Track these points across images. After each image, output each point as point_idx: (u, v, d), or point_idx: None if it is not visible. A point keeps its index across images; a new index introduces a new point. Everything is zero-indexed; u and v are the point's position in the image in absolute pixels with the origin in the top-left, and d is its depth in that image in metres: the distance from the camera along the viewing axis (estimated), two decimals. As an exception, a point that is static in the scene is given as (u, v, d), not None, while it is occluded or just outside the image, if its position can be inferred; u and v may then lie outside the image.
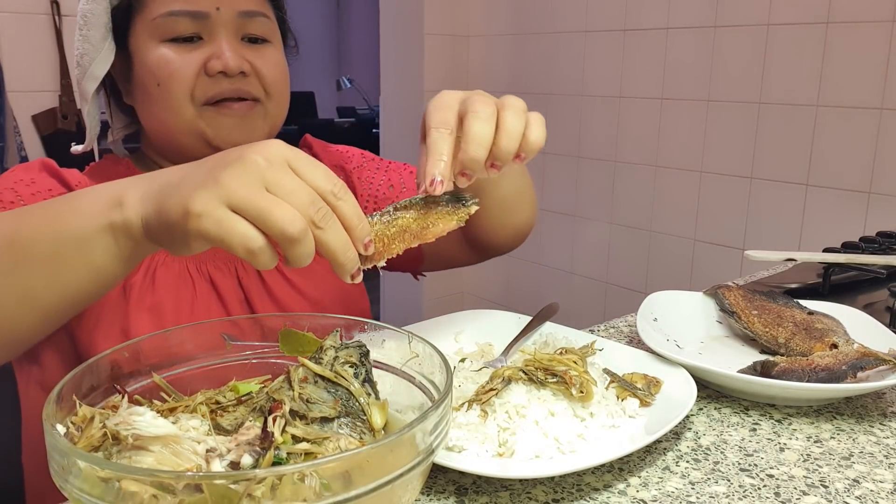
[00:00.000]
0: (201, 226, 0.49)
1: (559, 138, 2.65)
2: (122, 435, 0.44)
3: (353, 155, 1.05)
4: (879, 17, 1.83)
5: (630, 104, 2.44)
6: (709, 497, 0.57)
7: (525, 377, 0.64)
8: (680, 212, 2.33)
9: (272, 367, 0.59)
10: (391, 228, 0.57)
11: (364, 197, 1.01)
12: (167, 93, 0.81)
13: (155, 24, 0.82)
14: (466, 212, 0.59)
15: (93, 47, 0.85)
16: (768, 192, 2.11)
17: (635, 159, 2.44)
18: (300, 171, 0.51)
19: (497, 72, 2.84)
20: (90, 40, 0.85)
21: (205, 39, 0.84)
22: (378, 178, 1.03)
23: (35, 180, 0.81)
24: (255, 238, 0.49)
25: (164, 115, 0.83)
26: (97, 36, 0.85)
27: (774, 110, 2.06)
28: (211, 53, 0.83)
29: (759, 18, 2.06)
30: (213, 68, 0.82)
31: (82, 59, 0.86)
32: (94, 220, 0.58)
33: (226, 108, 0.83)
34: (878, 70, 1.85)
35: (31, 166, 0.84)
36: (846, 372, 0.71)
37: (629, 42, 2.40)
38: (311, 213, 0.50)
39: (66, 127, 2.33)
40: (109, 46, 0.85)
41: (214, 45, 0.84)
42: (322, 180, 0.52)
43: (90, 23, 0.85)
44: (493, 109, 0.65)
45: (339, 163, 1.03)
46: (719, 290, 0.93)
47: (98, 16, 0.84)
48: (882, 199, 1.89)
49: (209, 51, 0.83)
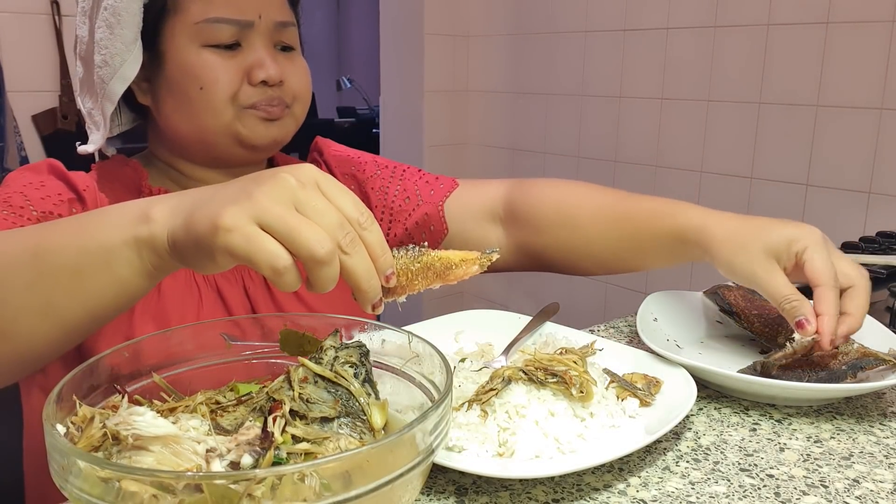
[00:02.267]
0: (230, 241, 0.49)
1: (559, 138, 2.65)
2: (122, 435, 0.44)
3: (365, 163, 1.04)
4: (879, 17, 1.83)
5: (630, 104, 2.44)
6: (709, 497, 0.57)
7: (525, 377, 0.64)
8: (680, 212, 2.33)
9: (272, 367, 0.59)
10: (415, 264, 0.56)
11: (379, 208, 1.00)
12: (210, 96, 0.83)
13: (197, 29, 0.83)
14: (488, 258, 0.59)
15: (125, 47, 0.84)
16: (768, 192, 2.11)
17: (635, 159, 2.44)
18: (329, 194, 0.51)
19: (497, 72, 2.84)
20: (122, 39, 0.83)
21: (242, 47, 0.85)
22: (392, 188, 1.02)
23: (44, 183, 0.80)
24: (283, 257, 0.48)
25: (202, 118, 0.84)
26: (129, 35, 0.83)
27: (774, 110, 2.06)
28: (253, 62, 0.85)
29: (759, 18, 2.06)
30: (257, 77, 0.84)
31: (112, 59, 0.84)
32: (120, 233, 0.57)
33: (262, 112, 0.86)
34: (878, 70, 1.85)
35: (38, 168, 0.83)
36: (846, 372, 0.71)
37: (629, 42, 2.40)
38: (340, 236, 0.50)
39: (66, 127, 2.33)
40: (139, 46, 0.84)
41: (254, 54, 0.85)
42: (350, 207, 0.51)
43: (123, 21, 0.83)
44: (867, 288, 0.78)
45: (352, 172, 1.02)
46: (719, 290, 0.93)
47: (132, 14, 0.83)
48: (882, 199, 1.89)
49: (249, 59, 0.85)
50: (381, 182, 1.02)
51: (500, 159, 2.91)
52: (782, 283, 0.76)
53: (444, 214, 0.99)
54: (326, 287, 0.50)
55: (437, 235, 0.99)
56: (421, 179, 1.03)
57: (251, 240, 0.48)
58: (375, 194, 1.01)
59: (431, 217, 0.98)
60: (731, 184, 2.20)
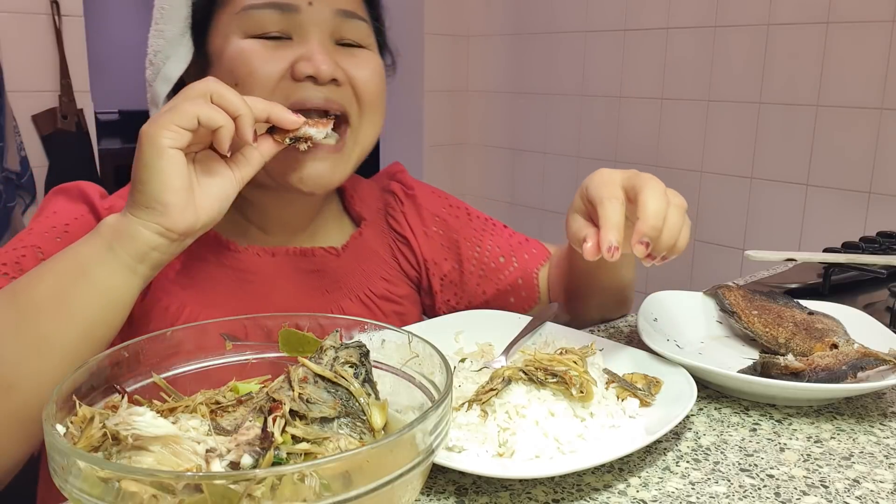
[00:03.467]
0: (161, 121, 0.59)
1: (559, 138, 2.65)
2: (122, 435, 0.44)
3: (458, 207, 1.00)
4: (879, 17, 1.83)
5: (630, 104, 2.44)
6: (709, 497, 0.57)
7: (525, 377, 0.64)
8: (680, 212, 2.33)
9: (272, 367, 0.59)
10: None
11: (471, 260, 0.97)
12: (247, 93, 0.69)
13: (238, 18, 0.75)
14: None
15: (167, 44, 0.78)
16: (768, 192, 2.11)
17: (635, 159, 2.44)
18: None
19: (497, 72, 2.84)
20: (165, 35, 0.78)
21: (294, 40, 0.76)
22: (486, 243, 0.98)
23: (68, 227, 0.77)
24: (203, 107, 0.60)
25: None
26: (174, 31, 0.78)
27: (774, 110, 2.06)
28: (300, 55, 0.75)
29: (759, 18, 2.06)
30: (302, 71, 0.74)
31: (155, 57, 0.80)
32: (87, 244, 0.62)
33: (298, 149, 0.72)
34: (878, 70, 1.85)
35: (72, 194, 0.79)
36: (846, 372, 0.71)
37: (629, 42, 2.40)
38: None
39: (66, 127, 2.32)
40: (187, 44, 0.79)
41: (304, 46, 0.75)
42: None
43: (167, 16, 0.78)
44: (663, 189, 0.68)
45: (443, 214, 0.98)
46: (719, 290, 0.93)
47: (177, 8, 0.78)
48: (882, 199, 1.89)
49: (298, 51, 0.75)
50: (474, 233, 0.99)
51: (500, 159, 2.91)
52: (574, 226, 0.72)
53: (538, 283, 0.98)
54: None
55: (528, 302, 0.98)
56: (513, 239, 1.01)
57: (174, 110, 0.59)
58: (467, 245, 0.98)
59: (525, 284, 0.97)
60: (731, 184, 2.20)
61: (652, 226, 0.66)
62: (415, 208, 0.98)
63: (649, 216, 0.66)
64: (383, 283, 0.92)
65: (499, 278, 0.98)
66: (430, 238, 0.97)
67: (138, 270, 0.63)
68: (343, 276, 0.89)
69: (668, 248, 0.69)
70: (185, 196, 0.62)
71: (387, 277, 0.93)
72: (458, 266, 0.98)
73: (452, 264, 0.97)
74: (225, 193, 0.66)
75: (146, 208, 0.61)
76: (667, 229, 0.67)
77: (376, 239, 0.95)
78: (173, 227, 0.62)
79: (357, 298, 0.88)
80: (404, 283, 0.96)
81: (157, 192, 0.61)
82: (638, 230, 0.66)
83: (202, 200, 0.64)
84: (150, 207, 0.61)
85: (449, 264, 0.97)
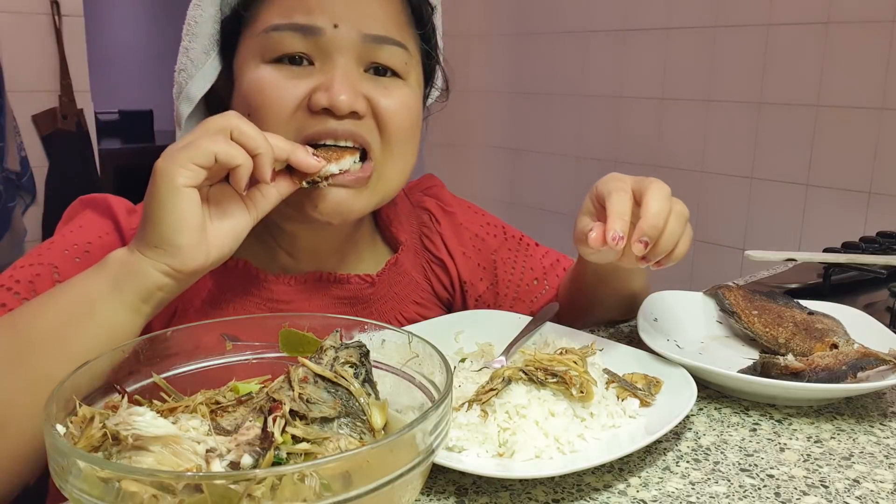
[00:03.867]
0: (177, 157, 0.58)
1: (559, 138, 2.65)
2: (122, 435, 0.44)
3: (495, 228, 0.97)
4: (879, 17, 1.83)
5: (630, 104, 2.44)
6: (709, 497, 0.57)
7: (525, 377, 0.64)
8: (680, 212, 2.33)
9: (272, 367, 0.59)
10: None
11: (506, 283, 0.95)
12: (259, 124, 0.65)
13: (260, 40, 0.70)
14: None
15: (191, 62, 0.74)
16: (768, 192, 2.11)
17: (635, 159, 2.44)
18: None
19: (497, 72, 2.84)
20: (190, 54, 0.74)
21: (316, 66, 0.70)
22: (520, 264, 0.96)
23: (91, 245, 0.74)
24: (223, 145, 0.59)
25: None
26: (198, 48, 0.74)
27: (774, 110, 2.06)
28: (319, 84, 0.69)
29: (759, 18, 2.06)
30: (317, 103, 0.68)
31: (179, 75, 0.75)
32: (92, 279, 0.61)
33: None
34: (878, 70, 1.85)
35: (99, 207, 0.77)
36: (846, 372, 0.71)
37: (629, 42, 2.40)
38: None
39: (66, 127, 2.33)
40: (213, 63, 0.74)
41: (325, 74, 0.69)
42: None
43: (193, 31, 0.74)
44: (668, 192, 0.68)
45: (481, 234, 0.95)
46: (719, 290, 0.93)
47: (203, 24, 0.73)
48: (882, 199, 1.89)
49: (318, 80, 0.69)
50: (509, 254, 0.97)
51: (500, 159, 2.91)
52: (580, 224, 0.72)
53: None
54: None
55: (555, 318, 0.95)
56: (545, 259, 0.99)
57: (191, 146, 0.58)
58: (503, 266, 0.96)
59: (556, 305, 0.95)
60: (731, 184, 2.20)
61: (652, 224, 0.66)
62: (452, 228, 0.94)
63: (650, 215, 0.66)
64: (414, 307, 0.89)
65: (532, 300, 0.97)
66: (468, 258, 0.94)
67: (142, 310, 0.62)
68: (375, 302, 0.86)
69: (665, 251, 0.68)
70: (196, 236, 0.60)
71: (419, 301, 0.90)
72: (492, 287, 0.96)
73: (487, 285, 0.96)
74: (238, 230, 0.64)
75: (156, 248, 0.60)
76: (667, 233, 0.67)
77: (410, 261, 0.91)
78: (182, 269, 0.61)
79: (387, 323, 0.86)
80: (435, 305, 0.93)
81: (169, 234, 0.59)
82: (639, 228, 0.66)
83: (214, 238, 0.62)
84: (160, 248, 0.60)
85: (484, 285, 0.95)
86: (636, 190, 0.69)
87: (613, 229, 0.65)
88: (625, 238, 0.65)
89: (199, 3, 0.74)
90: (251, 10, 0.72)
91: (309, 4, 0.69)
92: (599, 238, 0.66)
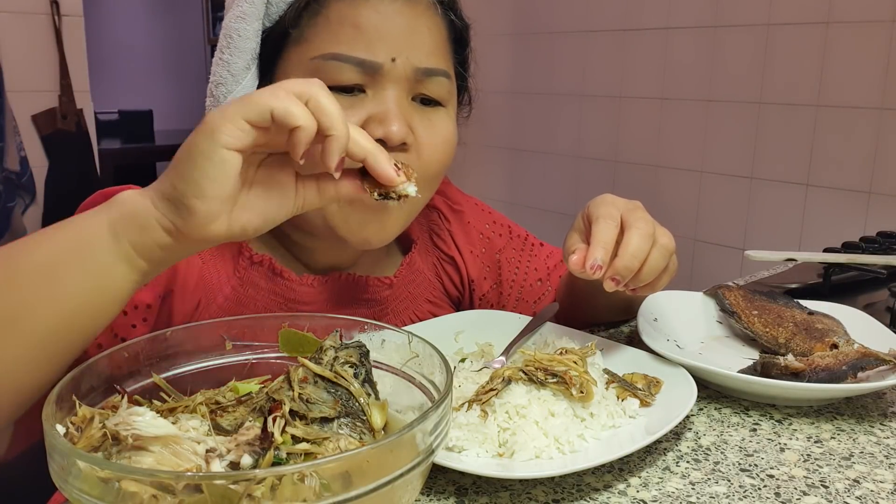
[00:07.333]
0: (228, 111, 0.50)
1: (559, 138, 2.65)
2: (122, 435, 0.44)
3: (501, 226, 0.98)
4: (879, 17, 1.83)
5: (630, 104, 2.44)
6: (709, 497, 0.57)
7: (525, 377, 0.64)
8: (680, 212, 2.33)
9: (272, 367, 0.59)
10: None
11: (508, 282, 0.97)
12: None
13: (314, 66, 0.69)
14: None
15: (232, 76, 0.72)
16: (768, 192, 2.11)
17: (635, 159, 2.44)
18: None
19: (497, 72, 2.84)
20: (230, 67, 0.72)
21: (367, 93, 0.71)
22: (524, 264, 0.97)
23: None
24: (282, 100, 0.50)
25: None
26: (240, 63, 0.72)
27: (774, 110, 2.06)
28: (373, 114, 0.69)
29: (759, 18, 2.06)
30: (373, 134, 0.67)
31: (216, 88, 0.73)
32: (93, 219, 0.55)
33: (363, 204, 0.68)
34: (878, 70, 1.85)
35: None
36: (846, 372, 0.71)
37: (629, 42, 2.40)
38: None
39: (66, 127, 2.33)
40: (252, 77, 0.73)
41: (379, 104, 0.70)
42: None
43: (234, 45, 0.72)
44: (651, 231, 0.68)
45: (489, 233, 0.96)
46: (719, 290, 0.93)
47: (246, 38, 0.72)
48: (882, 199, 1.89)
49: (371, 108, 0.70)
50: (514, 253, 0.97)
51: (500, 159, 2.91)
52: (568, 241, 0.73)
53: None
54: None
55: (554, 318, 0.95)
56: (550, 260, 0.99)
57: (250, 101, 0.50)
58: (508, 266, 0.97)
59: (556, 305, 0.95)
60: (731, 184, 2.20)
61: (626, 265, 0.67)
62: (462, 226, 0.94)
63: (627, 255, 0.67)
64: (428, 306, 0.91)
65: (534, 301, 0.97)
66: (476, 257, 0.95)
67: (137, 264, 0.55)
68: (392, 303, 0.87)
69: (644, 282, 0.70)
70: (218, 206, 0.53)
71: (431, 299, 0.91)
72: (496, 286, 0.97)
73: (492, 284, 0.96)
74: (272, 215, 0.57)
75: (169, 202, 0.53)
76: (646, 269, 0.68)
77: (423, 260, 0.92)
78: (189, 234, 0.54)
79: (402, 323, 0.87)
80: (446, 303, 0.94)
81: (188, 193, 0.52)
82: (613, 266, 0.67)
83: (243, 211, 0.55)
84: (173, 203, 0.53)
85: (488, 284, 0.96)
86: (625, 220, 0.69)
87: (594, 257, 0.66)
88: (604, 267, 0.67)
89: (244, 16, 0.72)
90: (300, 27, 0.71)
91: (369, 37, 0.69)
92: (580, 263, 0.67)
